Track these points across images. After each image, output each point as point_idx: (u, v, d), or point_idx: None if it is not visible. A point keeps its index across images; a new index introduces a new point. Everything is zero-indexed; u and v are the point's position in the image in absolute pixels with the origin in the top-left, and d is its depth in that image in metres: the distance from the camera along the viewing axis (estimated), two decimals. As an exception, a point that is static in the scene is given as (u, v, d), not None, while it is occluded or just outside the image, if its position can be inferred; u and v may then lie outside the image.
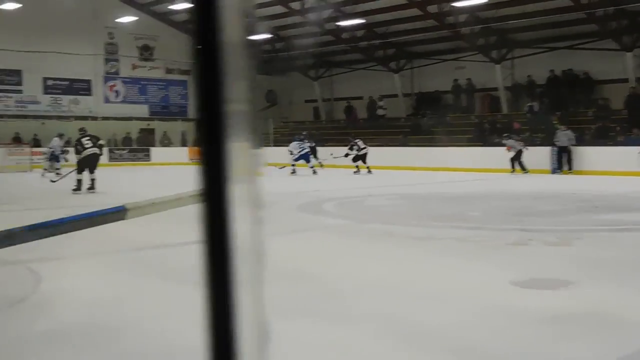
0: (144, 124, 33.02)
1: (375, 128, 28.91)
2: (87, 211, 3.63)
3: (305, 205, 11.68)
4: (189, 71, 34.18)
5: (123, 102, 32.91)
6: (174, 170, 25.96)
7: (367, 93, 31.42)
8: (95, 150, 15.40)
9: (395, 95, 30.42)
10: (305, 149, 22.58)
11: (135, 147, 31.13)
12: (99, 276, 5.94)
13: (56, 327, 4.32)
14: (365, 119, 31.05)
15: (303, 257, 6.78)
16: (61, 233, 3.17)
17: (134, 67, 33.14)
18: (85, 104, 31.76)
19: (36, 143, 27.47)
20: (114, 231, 5.31)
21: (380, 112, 30.86)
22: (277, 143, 30.16)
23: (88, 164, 15.29)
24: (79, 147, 15.42)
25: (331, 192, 14.88)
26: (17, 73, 29.87)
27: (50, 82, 30.83)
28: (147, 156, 30.51)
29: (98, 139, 15.77)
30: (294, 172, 22.08)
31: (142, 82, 33.49)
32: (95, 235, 5.11)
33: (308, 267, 6.26)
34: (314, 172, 21.92)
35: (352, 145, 22.76)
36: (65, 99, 31.32)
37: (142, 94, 33.52)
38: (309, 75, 33.50)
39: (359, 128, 29.46)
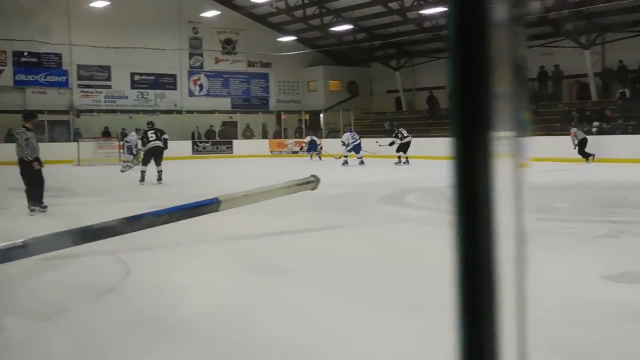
0: (226, 117, 33.60)
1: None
2: (172, 204, 3.71)
3: (386, 197, 11.60)
4: (270, 64, 34.61)
5: (206, 95, 33.62)
6: (256, 162, 26.43)
7: (450, 82, 30.92)
8: (159, 143, 15.87)
9: (479, 84, 29.80)
10: (357, 140, 23.04)
11: (218, 139, 31.73)
12: (186, 267, 6.08)
13: (143, 318, 4.45)
14: (447, 109, 30.52)
15: (395, 249, 6.74)
16: (157, 225, 3.27)
17: (217, 60, 33.79)
18: (170, 98, 32.63)
19: (124, 137, 28.43)
20: (200, 222, 5.43)
21: (463, 101, 30.32)
22: (359, 134, 30.06)
23: (151, 156, 15.91)
24: (144, 140, 15.97)
25: (407, 182, 14.74)
26: (107, 69, 30.99)
27: (137, 77, 31.83)
28: (229, 148, 31.06)
29: (163, 133, 16.28)
30: (346, 162, 22.58)
31: (224, 76, 34.09)
32: (180, 225, 5.22)
33: (400, 258, 6.22)
34: (361, 163, 22.45)
35: (397, 133, 22.87)
36: (152, 93, 32.28)
37: (224, 87, 34.14)
38: (391, 66, 33.24)
39: (441, 118, 29.03)
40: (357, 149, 22.94)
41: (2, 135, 27.26)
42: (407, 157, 22.28)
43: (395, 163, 22.32)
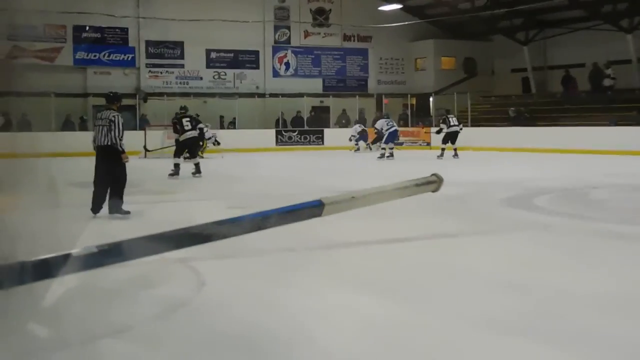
0: (316, 101, 33.86)
1: (601, 102, 27.48)
2: (255, 205, 3.72)
3: (511, 200, 11.34)
4: (369, 38, 34.60)
5: (294, 75, 33.98)
6: (352, 155, 26.44)
7: (591, 59, 29.91)
8: (194, 133, 16.14)
9: (629, 61, 28.69)
10: (393, 127, 23.08)
11: (306, 128, 31.93)
12: (269, 279, 6.10)
13: (218, 336, 4.48)
14: (587, 91, 29.63)
15: (527, 265, 6.57)
16: (253, 231, 3.33)
17: (307, 34, 34.08)
18: (251, 79, 33.16)
19: (197, 124, 29.07)
20: (291, 226, 5.44)
21: (607, 82, 29.26)
22: (477, 123, 29.68)
23: (185, 147, 16.46)
24: (178, 128, 16.20)
25: (534, 181, 14.35)
26: (179, 45, 31.84)
27: (213, 55, 32.52)
28: (319, 139, 31.16)
29: (199, 122, 16.57)
30: (382, 155, 22.84)
31: (315, 52, 34.37)
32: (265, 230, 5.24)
33: (533, 276, 6.05)
34: (390, 156, 22.57)
35: (445, 119, 23.20)
36: (230, 73, 32.91)
37: (315, 65, 34.40)
38: (517, 39, 32.55)
39: (579, 103, 28.19)
40: (392, 137, 23.01)
41: (59, 122, 28.39)
42: (455, 149, 22.55)
43: (438, 156, 22.73)
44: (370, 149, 27.07)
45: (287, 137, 30.95)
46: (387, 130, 22.91)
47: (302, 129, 31.67)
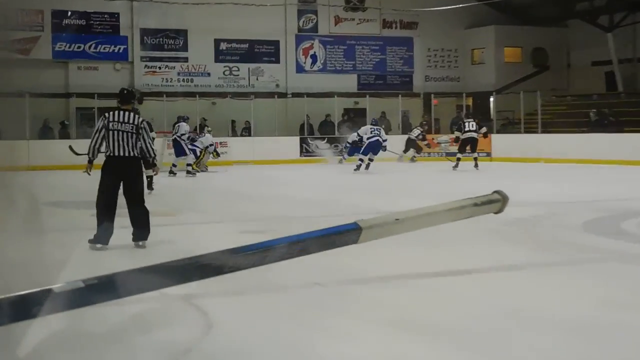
0: (350, 102, 33.93)
1: None
2: (279, 229, 3.74)
3: (592, 224, 11.27)
4: (415, 25, 34.65)
5: (321, 71, 34.13)
6: (394, 168, 26.37)
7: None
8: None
9: None
10: (375, 137, 23.84)
11: (337, 134, 31.85)
12: (292, 320, 6.11)
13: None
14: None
15: (605, 304, 6.53)
16: (275, 261, 3.34)
17: (338, 20, 34.22)
18: (270, 75, 33.30)
19: (202, 130, 29.10)
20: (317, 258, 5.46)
21: None
22: (548, 128, 29.51)
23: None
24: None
25: (619, 201, 14.28)
26: (182, 35, 32.13)
27: (223, 46, 32.76)
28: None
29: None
30: (357, 167, 23.84)
31: (348, 42, 34.52)
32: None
33: (613, 319, 6.01)
34: (365, 167, 23.68)
35: (460, 124, 24.38)
36: (244, 68, 33.13)
37: (348, 58, 34.52)
38: (599, 24, 32.40)
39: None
40: (371, 148, 23.86)
41: (35, 128, 28.57)
42: (476, 159, 23.79)
43: (454, 167, 23.79)
44: (414, 159, 27.09)
45: (314, 146, 30.94)
46: (367, 138, 23.81)
47: (332, 136, 31.64)
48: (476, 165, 23.62)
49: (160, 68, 31.98)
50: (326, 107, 32.48)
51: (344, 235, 3.40)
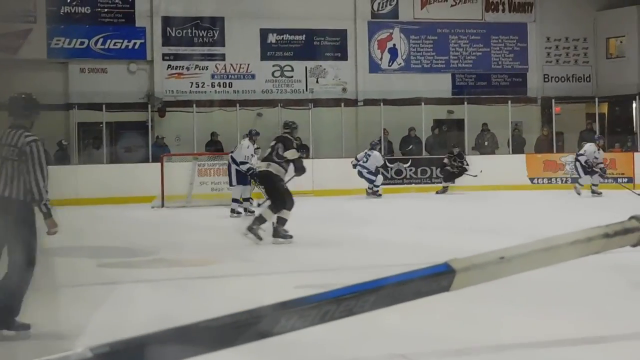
0: (442, 111, 33.90)
1: None
2: (338, 278, 3.75)
3: None
4: (530, 6, 34.53)
5: (403, 69, 34.16)
6: (504, 198, 26.27)
7: None
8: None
9: None
10: (366, 164, 25.96)
11: (425, 155, 31.76)
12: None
13: None
14: None
15: None
16: (327, 321, 3.33)
17: (425, 2, 34.21)
18: (334, 76, 33.38)
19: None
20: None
21: None
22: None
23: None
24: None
25: None
26: (218, 24, 32.35)
27: (272, 38, 32.94)
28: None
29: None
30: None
31: (439, 31, 34.50)
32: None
33: None
34: (376, 194, 26.07)
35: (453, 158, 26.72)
36: (299, 68, 33.23)
37: (439, 53, 34.49)
38: None
39: None
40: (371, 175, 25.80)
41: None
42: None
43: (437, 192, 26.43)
44: (578, 192, 26.73)
45: (395, 170, 30.87)
46: (363, 165, 26.59)
47: (418, 157, 31.59)
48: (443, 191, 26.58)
49: (188, 69, 32.17)
50: (410, 118, 32.39)
51: (431, 280, 3.38)
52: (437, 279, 3.41)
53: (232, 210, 21.72)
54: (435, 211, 22.97)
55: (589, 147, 26.61)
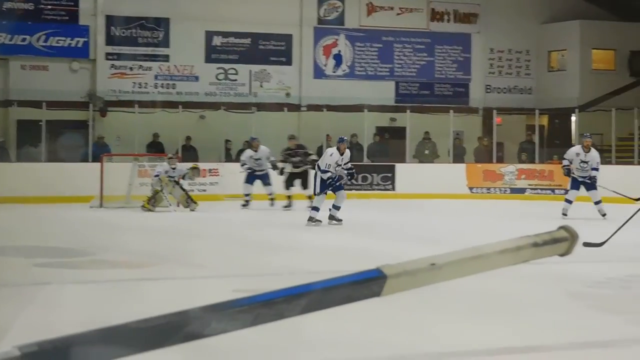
0: (385, 119, 34.04)
1: None
2: (279, 283, 3.73)
3: None
4: (475, 17, 34.74)
5: (347, 76, 34.25)
6: (444, 207, 26.37)
7: None
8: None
9: None
10: (254, 166, 24.50)
11: (368, 161, 31.85)
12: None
13: None
14: None
15: None
16: (258, 323, 3.30)
17: (371, 9, 34.33)
18: (278, 81, 33.38)
19: (188, 154, 29.04)
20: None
21: None
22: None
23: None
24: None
25: None
26: (162, 25, 32.29)
27: (217, 41, 32.92)
28: (388, 180, 31.03)
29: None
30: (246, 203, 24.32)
31: (384, 39, 34.62)
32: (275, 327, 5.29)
33: None
34: (271, 203, 24.42)
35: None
36: (244, 71, 33.19)
37: (384, 60, 34.64)
38: None
39: None
40: (259, 178, 24.73)
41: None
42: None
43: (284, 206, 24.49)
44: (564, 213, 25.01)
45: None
46: (247, 167, 24.92)
47: (359, 163, 31.59)
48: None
49: (132, 69, 32.09)
50: (353, 125, 32.38)
51: (363, 285, 3.38)
52: (368, 284, 3.42)
53: (311, 219, 20.21)
54: (374, 218, 22.99)
55: (571, 149, 23.17)
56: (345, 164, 20.22)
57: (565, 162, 22.79)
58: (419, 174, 31.09)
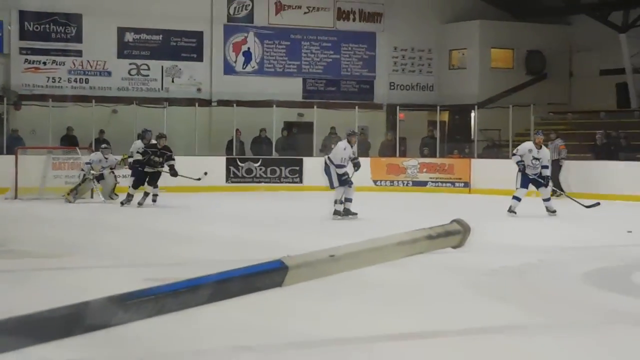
0: (293, 114, 34.08)
1: None
2: (191, 273, 3.76)
3: (595, 276, 11.41)
4: (379, 16, 34.86)
5: (257, 73, 34.19)
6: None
7: None
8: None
9: None
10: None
11: (276, 156, 31.91)
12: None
13: None
14: None
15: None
16: (165, 312, 3.32)
17: (280, 7, 34.31)
18: (189, 76, 33.28)
19: (100, 146, 28.85)
20: (232, 308, 5.45)
21: None
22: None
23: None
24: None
25: (634, 247, 14.74)
26: (75, 20, 31.96)
27: (129, 37, 32.68)
28: (296, 174, 31.09)
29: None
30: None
31: (292, 37, 34.62)
32: (201, 314, 5.32)
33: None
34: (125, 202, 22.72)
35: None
36: (156, 67, 33.07)
37: (292, 58, 34.62)
38: (611, 22, 32.86)
39: None
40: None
41: None
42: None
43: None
44: (513, 210, 23.14)
45: (245, 169, 30.84)
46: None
47: (268, 157, 31.67)
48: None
49: (45, 64, 31.72)
50: (262, 120, 32.48)
51: (265, 275, 3.42)
52: (271, 274, 3.46)
53: (336, 212, 19.96)
54: (281, 210, 23.03)
55: (523, 145, 21.57)
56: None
57: (516, 158, 21.22)
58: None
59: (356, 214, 19.61)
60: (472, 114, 34.11)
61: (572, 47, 36.04)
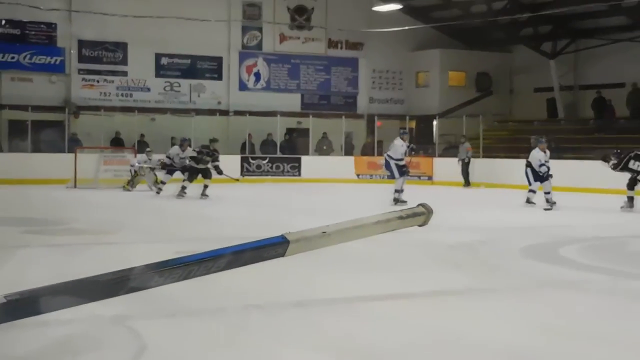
0: (293, 122, 34.04)
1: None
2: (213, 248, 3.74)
3: (532, 250, 11.41)
4: (361, 45, 34.83)
5: (265, 89, 34.17)
6: (336, 190, 26.52)
7: (631, 77, 30.26)
8: None
9: (680, 82, 29.18)
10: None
11: (279, 155, 31.98)
12: (232, 345, 6.04)
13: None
14: (626, 117, 29.89)
15: (544, 332, 6.57)
16: (192, 277, 3.36)
17: (283, 38, 34.30)
18: (212, 92, 33.24)
19: (141, 147, 28.86)
20: (240, 277, 5.41)
21: (651, 107, 29.60)
22: (491, 153, 29.80)
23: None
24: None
25: (561, 227, 14.67)
26: (121, 47, 31.93)
27: (164, 61, 32.64)
28: (295, 169, 31.22)
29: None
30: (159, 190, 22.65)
31: (293, 61, 34.62)
32: (214, 281, 5.28)
33: (550, 348, 6.05)
34: (158, 191, 22.54)
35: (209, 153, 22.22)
36: (185, 84, 33.05)
37: (292, 77, 34.60)
38: (542, 51, 32.85)
39: (617, 131, 28.35)
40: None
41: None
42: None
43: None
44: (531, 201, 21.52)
45: (255, 165, 30.95)
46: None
47: (273, 155, 31.74)
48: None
49: (98, 81, 31.76)
50: (268, 126, 32.52)
51: (271, 248, 3.48)
52: (275, 247, 3.50)
53: (395, 200, 19.98)
54: (282, 197, 23.10)
55: (540, 154, 20.64)
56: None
57: (544, 168, 20.15)
58: (318, 164, 31.32)
59: (406, 201, 19.31)
60: (434, 122, 34.10)
61: (512, 69, 36.09)
